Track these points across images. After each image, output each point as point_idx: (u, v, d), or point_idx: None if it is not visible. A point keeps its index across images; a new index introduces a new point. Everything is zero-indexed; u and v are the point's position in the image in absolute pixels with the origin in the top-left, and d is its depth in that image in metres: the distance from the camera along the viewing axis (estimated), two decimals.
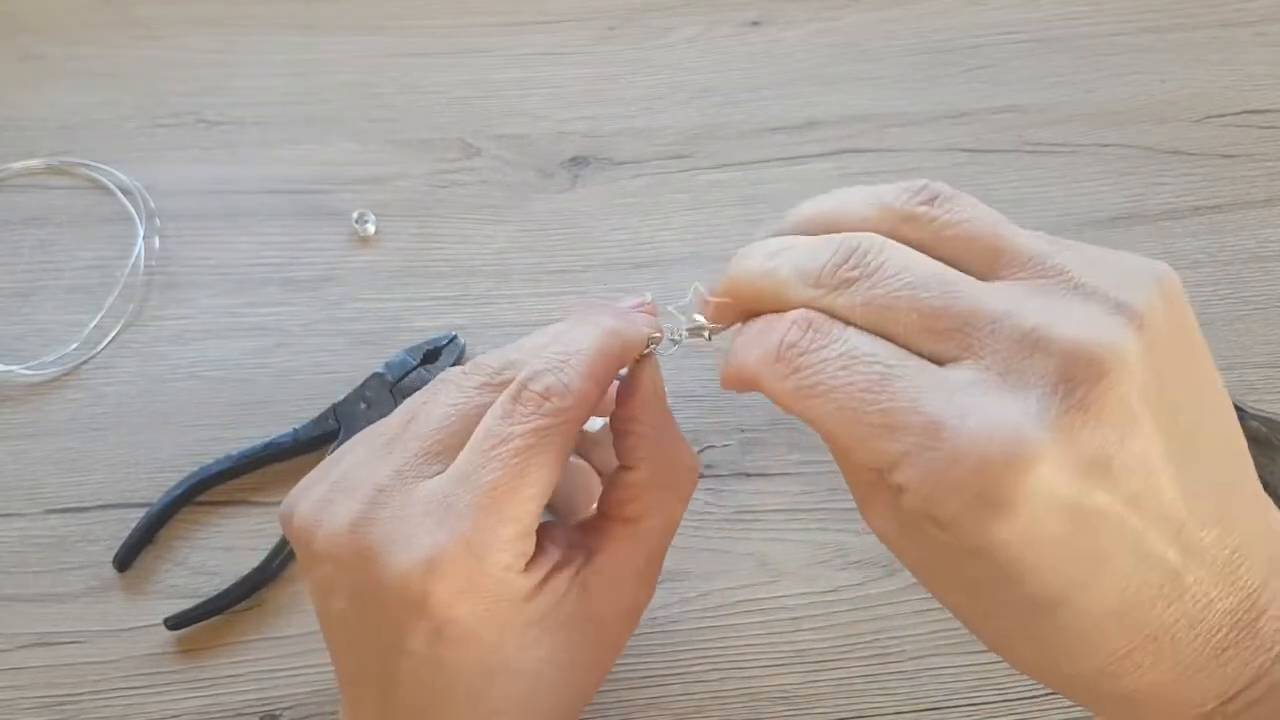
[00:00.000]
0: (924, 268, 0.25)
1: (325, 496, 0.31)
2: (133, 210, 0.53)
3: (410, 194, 0.53)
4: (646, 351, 0.32)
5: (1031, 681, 0.40)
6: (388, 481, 0.30)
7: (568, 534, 0.33)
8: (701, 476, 0.45)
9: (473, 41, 0.60)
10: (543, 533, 0.32)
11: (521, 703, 0.31)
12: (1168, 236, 0.51)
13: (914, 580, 0.42)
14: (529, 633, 0.30)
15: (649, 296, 0.34)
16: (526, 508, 0.29)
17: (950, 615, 0.38)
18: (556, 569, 0.31)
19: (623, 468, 0.32)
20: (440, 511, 0.29)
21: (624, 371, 0.32)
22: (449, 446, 0.30)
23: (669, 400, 0.33)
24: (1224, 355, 0.48)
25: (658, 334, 0.32)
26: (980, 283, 0.25)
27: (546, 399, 0.29)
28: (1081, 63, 0.58)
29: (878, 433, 0.24)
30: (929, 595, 0.42)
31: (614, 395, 0.33)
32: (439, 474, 0.30)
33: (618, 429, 0.32)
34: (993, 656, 0.40)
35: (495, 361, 0.31)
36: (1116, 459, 0.22)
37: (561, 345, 0.31)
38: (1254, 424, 0.43)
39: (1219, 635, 0.24)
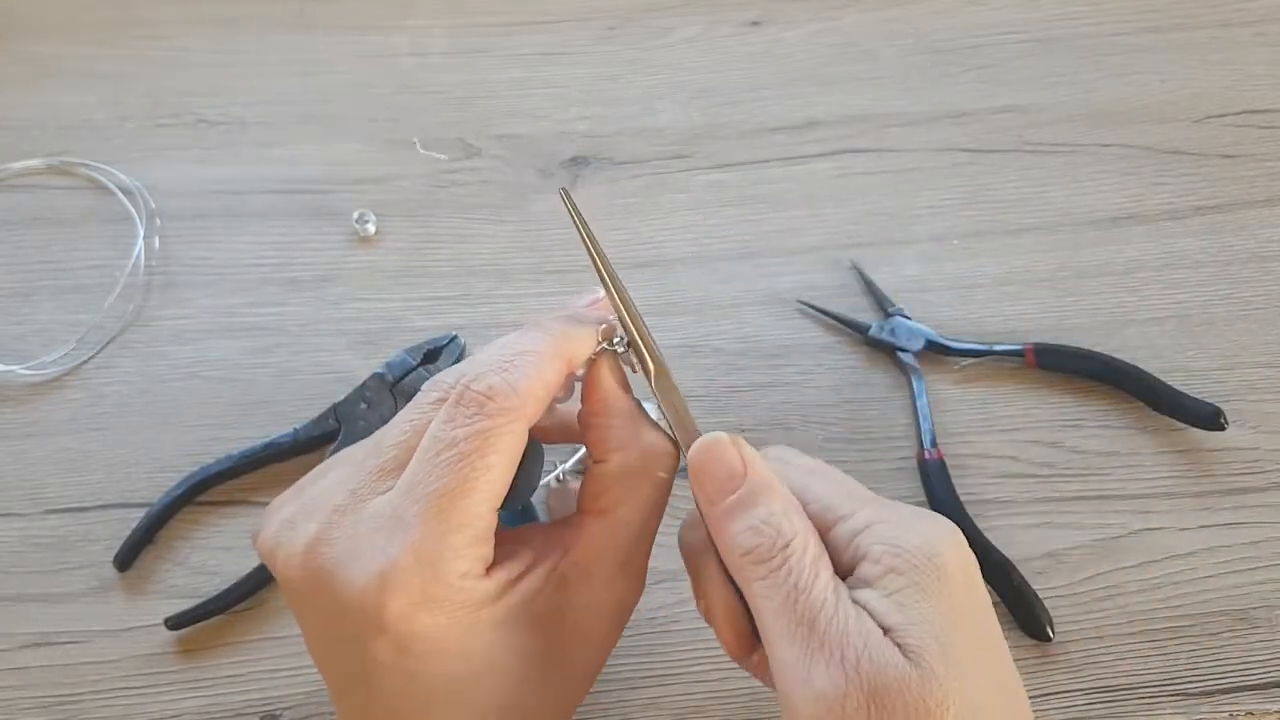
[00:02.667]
0: None
1: (289, 518, 0.31)
2: (133, 210, 0.53)
3: (410, 194, 0.53)
4: (600, 348, 0.32)
5: (1027, 682, 0.40)
6: (343, 501, 0.30)
7: (545, 532, 0.33)
8: None
9: (473, 41, 0.60)
10: (517, 534, 0.32)
11: (505, 702, 0.30)
12: (1167, 236, 0.51)
13: None
14: (499, 633, 0.30)
15: (600, 293, 0.34)
16: (477, 511, 0.28)
17: None
18: (529, 569, 0.31)
19: (594, 461, 0.32)
20: (390, 526, 0.28)
21: (581, 372, 0.32)
22: (403, 462, 0.30)
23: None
24: (1224, 355, 0.48)
25: (605, 328, 0.32)
26: None
27: (490, 399, 0.29)
28: (1081, 63, 0.58)
29: None
30: None
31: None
32: (391, 489, 0.30)
33: (583, 424, 0.32)
34: None
35: (451, 377, 0.31)
36: None
37: (509, 349, 0.31)
38: None
39: None
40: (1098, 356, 0.46)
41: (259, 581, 0.42)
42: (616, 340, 0.33)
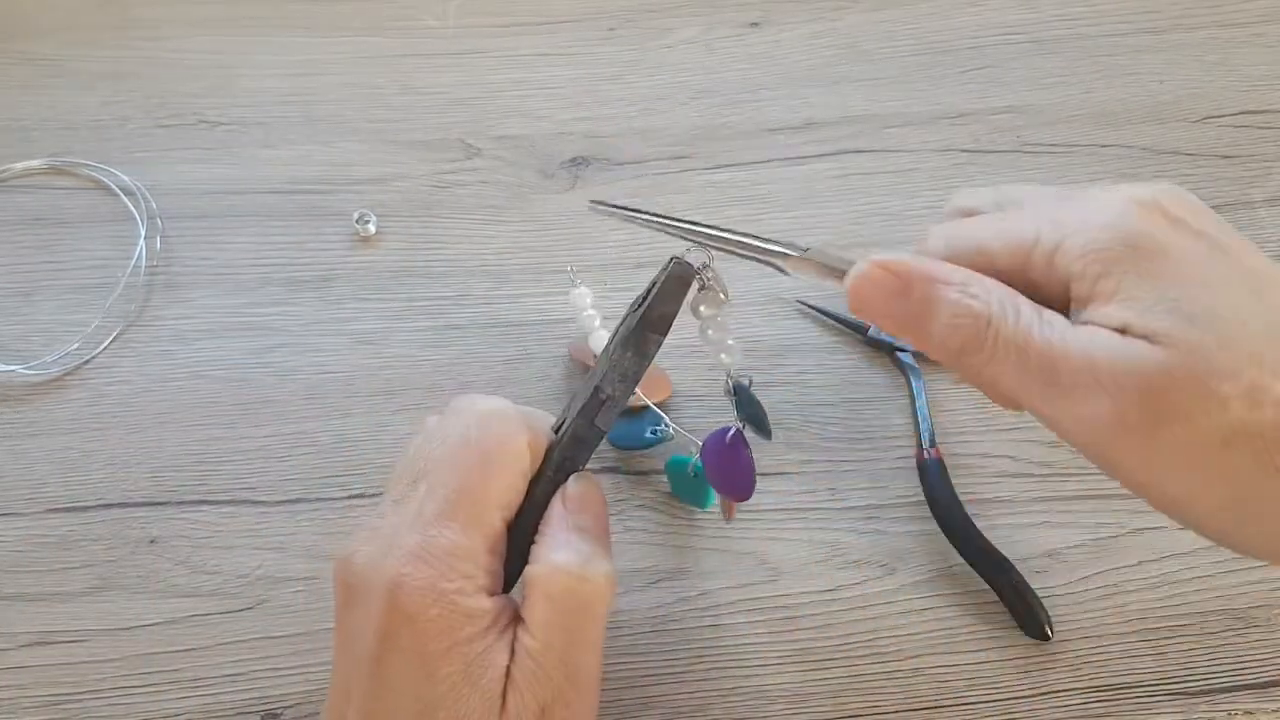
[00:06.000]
0: None
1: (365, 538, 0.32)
2: (134, 210, 0.53)
3: (411, 194, 0.54)
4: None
5: (1021, 681, 0.40)
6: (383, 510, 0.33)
7: None
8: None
9: (473, 42, 0.60)
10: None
11: None
12: None
13: (911, 579, 0.42)
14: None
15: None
16: (489, 516, 0.31)
17: (944, 614, 0.37)
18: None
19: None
20: (410, 521, 0.31)
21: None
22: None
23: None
24: None
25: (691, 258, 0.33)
26: None
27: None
28: (1080, 63, 0.58)
29: None
30: (925, 594, 0.42)
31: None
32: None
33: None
34: (985, 656, 0.41)
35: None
36: None
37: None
38: None
39: None
40: None
41: None
42: (705, 266, 0.33)
